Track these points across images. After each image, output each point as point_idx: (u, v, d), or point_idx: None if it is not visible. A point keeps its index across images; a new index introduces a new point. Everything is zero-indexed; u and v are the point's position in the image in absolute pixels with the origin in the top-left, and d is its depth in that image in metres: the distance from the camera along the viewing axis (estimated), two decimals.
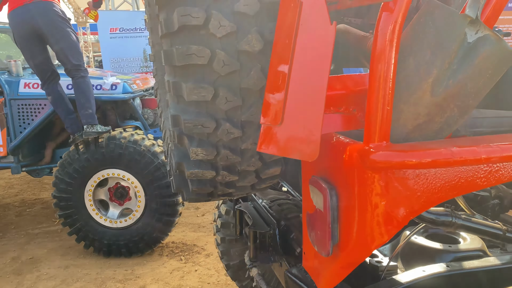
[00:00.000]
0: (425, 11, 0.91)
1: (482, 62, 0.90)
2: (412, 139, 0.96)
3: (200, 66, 1.05)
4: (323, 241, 1.07)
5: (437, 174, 0.93)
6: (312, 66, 0.93)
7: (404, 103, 0.94)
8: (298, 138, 0.96)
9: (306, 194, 1.21)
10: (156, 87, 1.84)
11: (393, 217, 0.96)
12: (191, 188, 1.30)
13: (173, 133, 1.20)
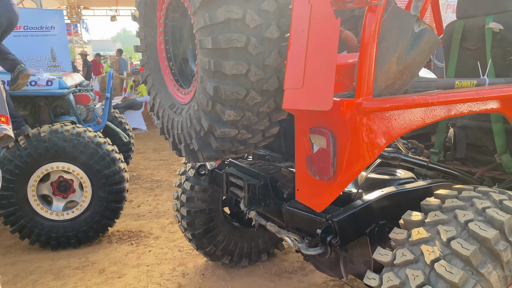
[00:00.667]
0: (392, 12, 1.44)
1: (423, 45, 1.47)
2: (384, 94, 1.49)
3: (239, 48, 1.45)
4: (326, 170, 1.54)
5: (401, 114, 1.48)
6: (324, 48, 1.39)
7: (380, 71, 1.46)
8: (316, 96, 1.42)
9: (301, 144, 1.68)
10: (148, 73, 2.13)
11: (376, 145, 1.48)
12: (215, 146, 1.67)
13: (207, 102, 1.56)
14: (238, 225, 3.08)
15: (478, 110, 1.72)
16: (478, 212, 1.41)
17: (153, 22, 2.02)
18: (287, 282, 2.94)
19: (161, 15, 1.96)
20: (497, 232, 1.32)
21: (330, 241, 1.62)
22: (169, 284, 2.97)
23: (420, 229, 1.44)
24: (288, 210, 1.83)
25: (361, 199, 1.75)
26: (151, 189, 5.12)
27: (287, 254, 3.34)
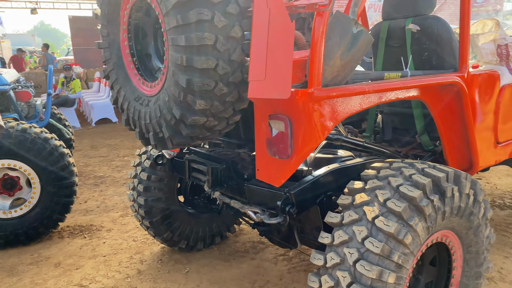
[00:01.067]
0: (335, 16, 1.74)
1: (360, 43, 1.79)
2: (330, 85, 1.79)
3: (209, 46, 1.67)
4: (284, 150, 1.81)
5: (344, 101, 1.79)
6: (282, 45, 1.66)
7: (327, 65, 1.76)
8: (277, 86, 1.67)
9: (261, 129, 1.93)
10: (110, 68, 2.25)
11: (325, 127, 1.78)
12: (185, 133, 1.87)
13: (179, 93, 1.76)
14: (193, 211, 3.28)
15: (403, 97, 2.10)
16: (406, 178, 1.76)
17: (116, 21, 2.15)
18: (241, 260, 3.20)
19: (125, 14, 2.10)
20: (421, 192, 1.68)
21: (288, 210, 1.90)
22: (129, 271, 3.09)
23: (362, 194, 1.76)
24: (250, 188, 2.08)
25: (311, 175, 2.05)
26: (96, 185, 5.10)
27: (239, 236, 3.59)
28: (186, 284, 2.89)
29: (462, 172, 1.87)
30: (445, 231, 1.88)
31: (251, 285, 2.86)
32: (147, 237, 3.62)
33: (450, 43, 2.42)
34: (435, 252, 2.02)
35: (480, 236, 2.00)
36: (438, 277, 2.05)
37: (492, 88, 2.59)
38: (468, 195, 1.86)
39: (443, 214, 1.74)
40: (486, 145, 2.64)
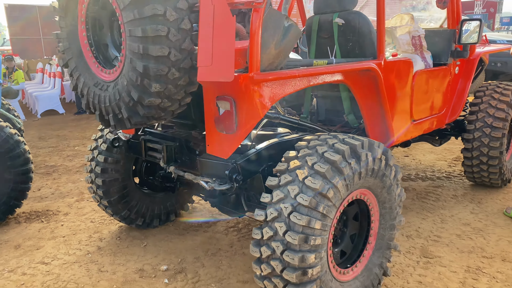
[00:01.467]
0: (269, 12, 2.08)
1: (291, 35, 2.14)
2: (267, 70, 2.13)
3: (163, 36, 1.94)
4: (230, 126, 2.14)
5: (279, 84, 2.14)
6: (225, 36, 1.97)
7: (263, 53, 2.09)
8: (222, 71, 1.98)
9: (210, 109, 2.24)
10: (69, 57, 2.45)
11: (264, 105, 2.12)
12: (142, 113, 2.14)
13: (136, 78, 2.02)
14: (148, 191, 3.53)
15: (329, 81, 2.48)
16: (329, 146, 2.15)
17: (74, 13, 2.36)
18: (195, 233, 3.50)
19: (83, 7, 2.32)
20: (340, 157, 2.06)
21: (235, 178, 2.23)
22: (89, 248, 3.30)
23: (295, 161, 2.13)
24: (201, 161, 2.39)
25: (255, 148, 2.39)
26: (48, 174, 5.17)
27: (192, 213, 3.89)
28: (145, 256, 3.16)
29: (375, 141, 2.29)
30: (362, 190, 2.29)
31: (204, 253, 3.18)
32: (105, 218, 3.82)
33: (369, 35, 2.84)
34: (357, 209, 2.43)
35: (392, 194, 2.43)
36: (360, 229, 2.47)
37: (406, 73, 3.05)
38: (380, 160, 2.28)
39: (359, 174, 2.15)
40: (402, 123, 3.11)
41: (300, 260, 1.94)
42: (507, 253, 3.03)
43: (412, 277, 2.77)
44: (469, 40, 3.52)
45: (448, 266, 2.89)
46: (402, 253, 3.07)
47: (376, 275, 2.44)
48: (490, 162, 3.93)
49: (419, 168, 4.98)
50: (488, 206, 3.85)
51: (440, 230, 3.41)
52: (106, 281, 2.85)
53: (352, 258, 2.43)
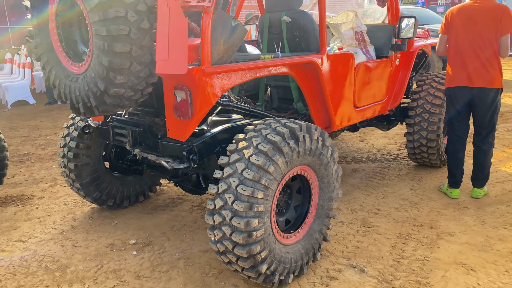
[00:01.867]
0: (218, 14, 2.41)
1: (237, 34, 2.48)
2: (217, 63, 2.47)
3: (125, 35, 2.25)
4: (186, 112, 2.47)
5: (228, 75, 2.49)
6: (179, 34, 2.29)
7: (213, 49, 2.42)
8: (177, 65, 2.31)
9: (169, 97, 2.57)
10: (41, 52, 2.72)
11: (215, 94, 2.46)
12: (108, 102, 2.45)
13: (102, 71, 2.32)
14: (118, 174, 3.83)
15: (275, 73, 2.84)
16: (272, 129, 2.51)
17: (45, 12, 2.63)
18: (162, 212, 3.84)
19: (53, 7, 2.59)
20: (280, 138, 2.43)
21: (192, 157, 2.57)
22: (63, 227, 3.59)
23: (243, 142, 2.48)
24: (163, 144, 2.72)
25: (210, 132, 2.74)
26: (21, 162, 5.38)
27: (160, 195, 4.22)
28: (115, 232, 3.48)
29: (313, 125, 2.66)
30: (302, 167, 2.67)
31: (170, 228, 3.52)
32: (78, 201, 4.10)
33: (313, 31, 3.21)
34: (300, 184, 2.82)
35: (330, 170, 2.83)
36: (302, 201, 2.86)
37: (347, 65, 3.44)
38: (317, 140, 2.66)
39: (298, 153, 2.52)
40: (346, 109, 3.51)
41: (246, 224, 2.31)
42: (435, 222, 3.50)
43: (351, 243, 3.20)
44: (407, 35, 3.94)
45: (383, 233, 3.33)
46: (345, 224, 3.49)
47: (316, 240, 2.84)
48: (429, 144, 4.40)
49: (371, 151, 5.44)
50: (427, 183, 4.33)
51: (381, 204, 3.85)
52: (80, 254, 3.15)
53: (296, 226, 2.81)
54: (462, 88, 3.72)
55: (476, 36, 3.59)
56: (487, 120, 3.74)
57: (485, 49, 3.58)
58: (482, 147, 3.85)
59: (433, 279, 2.73)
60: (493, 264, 2.88)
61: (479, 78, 3.63)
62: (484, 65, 3.60)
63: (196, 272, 2.88)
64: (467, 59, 3.65)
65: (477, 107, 3.73)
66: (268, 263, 2.47)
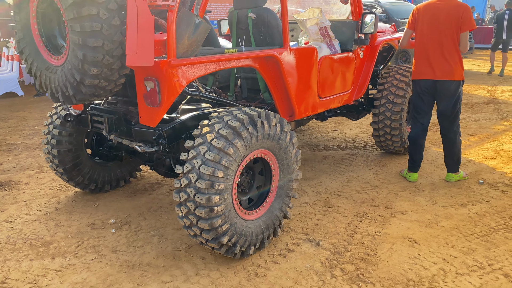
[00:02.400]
0: (182, 12, 2.67)
1: (200, 30, 2.75)
2: (183, 57, 2.74)
3: (97, 31, 2.51)
4: (155, 101, 2.74)
5: (192, 67, 2.76)
6: (146, 30, 2.55)
7: (179, 43, 2.69)
8: (144, 57, 2.58)
9: (140, 87, 2.84)
10: (24, 46, 2.97)
11: (181, 84, 2.74)
12: (84, 91, 2.71)
13: (78, 63, 2.59)
14: (100, 161, 4.10)
15: (239, 65, 3.12)
16: (233, 116, 2.79)
17: (27, 9, 2.88)
18: (141, 195, 4.12)
19: (34, 5, 2.84)
20: (239, 123, 2.71)
21: (161, 142, 2.85)
22: (48, 209, 3.86)
23: (206, 127, 2.76)
24: (136, 130, 2.99)
25: (179, 119, 3.01)
26: (9, 151, 5.62)
27: (140, 180, 4.49)
28: (96, 213, 3.75)
29: (271, 112, 2.94)
30: (262, 150, 2.95)
31: (147, 209, 3.80)
32: (62, 186, 4.37)
33: (277, 27, 3.49)
34: (262, 166, 3.11)
35: (289, 154, 3.12)
36: (265, 182, 3.15)
37: (310, 59, 3.72)
38: (276, 126, 2.95)
39: (256, 137, 2.81)
40: (307, 100, 3.80)
41: (207, 200, 2.60)
42: (390, 202, 3.82)
43: (311, 221, 3.51)
44: (369, 30, 4.23)
45: (342, 213, 3.64)
46: (309, 205, 3.80)
47: (277, 217, 3.14)
48: (392, 132, 4.71)
49: (343, 140, 5.75)
50: (389, 169, 4.65)
51: (344, 187, 4.16)
52: (62, 232, 3.43)
53: (258, 204, 3.11)
54: (426, 81, 4.03)
55: (439, 32, 3.88)
56: (449, 110, 4.02)
57: (447, 44, 3.87)
58: (448, 135, 4.15)
59: (380, 251, 3.04)
60: (436, 238, 3.21)
61: (441, 71, 3.92)
62: (446, 59, 3.90)
63: (168, 247, 3.17)
64: (430, 53, 3.95)
65: (440, 98, 4.03)
66: (229, 236, 2.76)
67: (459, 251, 3.02)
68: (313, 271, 2.81)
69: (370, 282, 2.69)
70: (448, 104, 4.01)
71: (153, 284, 2.72)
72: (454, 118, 4.07)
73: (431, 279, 2.70)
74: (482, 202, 3.79)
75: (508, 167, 4.61)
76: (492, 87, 9.62)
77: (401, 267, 2.84)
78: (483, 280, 2.69)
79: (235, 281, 2.74)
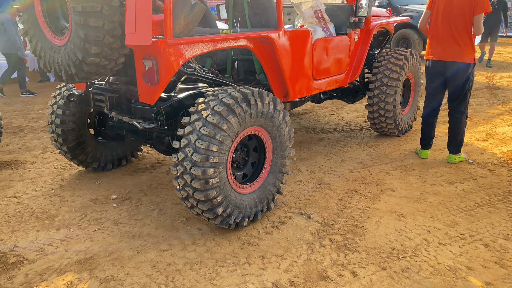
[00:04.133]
0: None
1: (196, 11, 2.88)
2: (179, 36, 2.87)
3: (98, 12, 2.64)
4: (153, 79, 2.88)
5: (189, 46, 2.90)
6: (144, 11, 2.68)
7: (175, 23, 2.82)
8: (142, 37, 2.71)
9: (139, 66, 2.97)
10: (28, 26, 3.11)
11: (177, 63, 2.88)
12: (86, 70, 2.85)
13: (80, 42, 2.73)
14: (102, 140, 4.26)
15: (233, 46, 3.25)
16: (227, 94, 2.93)
17: None
18: (142, 174, 4.28)
19: None
20: (233, 101, 2.85)
21: (159, 118, 3.00)
22: (53, 186, 4.03)
23: (202, 105, 2.90)
24: (135, 107, 3.14)
25: (176, 97, 3.16)
26: (15, 133, 5.79)
27: (141, 160, 4.66)
28: (99, 190, 3.92)
29: (264, 91, 3.08)
30: (256, 127, 3.10)
31: (148, 186, 3.97)
32: (66, 165, 4.54)
33: (272, 9, 3.60)
34: (256, 143, 3.25)
35: (282, 131, 3.26)
36: (259, 158, 3.30)
37: (304, 41, 3.84)
38: (269, 104, 3.08)
39: (250, 115, 2.95)
40: (301, 81, 3.92)
41: (203, 172, 2.75)
42: (381, 180, 3.96)
43: (304, 197, 3.66)
44: (364, 13, 4.33)
45: (334, 189, 3.80)
46: (303, 182, 3.95)
47: (270, 192, 3.29)
48: (386, 114, 4.84)
49: (339, 123, 5.88)
50: (383, 150, 4.78)
51: (337, 167, 4.31)
52: (67, 207, 3.60)
53: (252, 179, 3.26)
54: (436, 61, 4.16)
55: (452, 14, 3.98)
56: (458, 91, 4.15)
57: (460, 27, 3.97)
58: (454, 114, 4.27)
59: (367, 223, 3.20)
60: (422, 212, 3.35)
61: (451, 53, 4.04)
62: (456, 41, 4.01)
63: (167, 219, 3.34)
64: (441, 34, 4.07)
65: (450, 79, 4.15)
66: (224, 207, 2.92)
67: (443, 224, 3.16)
68: (303, 241, 2.97)
69: (356, 251, 2.85)
70: (457, 85, 4.11)
71: (152, 252, 2.89)
72: (462, 99, 4.17)
73: (414, 248, 2.86)
74: (470, 180, 3.93)
75: (498, 148, 4.73)
76: (491, 73, 9.68)
77: (387, 238, 2.99)
78: (463, 249, 2.84)
79: (229, 249, 2.90)
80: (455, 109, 4.24)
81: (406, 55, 4.85)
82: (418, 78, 5.28)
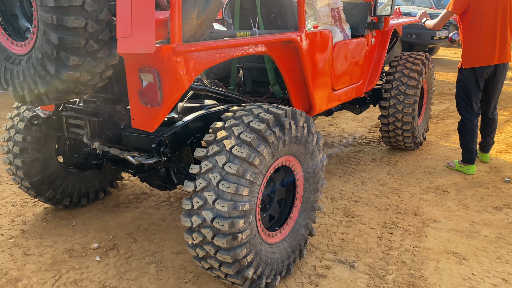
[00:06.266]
0: None
1: (212, 5, 2.14)
2: (190, 41, 2.13)
3: (77, 6, 1.86)
4: (155, 98, 2.12)
5: (203, 54, 2.15)
6: (145, 5, 1.93)
7: (185, 24, 2.08)
8: (142, 42, 1.95)
9: (132, 82, 2.20)
10: None
11: (188, 77, 2.13)
12: (60, 88, 2.05)
13: (51, 50, 1.93)
14: (74, 170, 3.40)
15: (253, 52, 2.53)
16: (255, 116, 2.21)
17: None
18: (125, 210, 3.46)
19: None
20: (265, 125, 2.14)
21: (162, 151, 2.23)
22: (11, 232, 3.14)
23: (222, 131, 2.17)
24: (127, 136, 2.35)
25: (181, 121, 2.40)
26: None
27: (122, 190, 3.83)
28: (74, 236, 3.08)
29: (297, 110, 2.39)
30: (287, 157, 2.40)
31: (136, 228, 3.16)
32: (27, 200, 3.64)
33: (290, 7, 2.92)
34: (283, 175, 2.55)
35: (315, 159, 2.58)
36: (287, 194, 2.60)
37: (326, 44, 3.18)
38: (303, 127, 2.40)
39: (283, 142, 2.25)
40: (324, 92, 3.27)
41: (230, 226, 2.02)
42: (418, 208, 3.37)
43: (335, 236, 2.99)
44: (383, 12, 3.74)
45: (367, 223, 3.15)
46: (327, 215, 3.28)
47: (302, 236, 2.60)
48: (404, 127, 4.27)
49: (342, 136, 5.28)
50: (403, 168, 4.21)
51: (360, 192, 3.68)
52: (33, 264, 2.75)
53: (280, 221, 2.56)
54: (488, 67, 3.83)
55: (499, 15, 3.73)
56: (499, 91, 3.99)
57: (506, 27, 3.78)
58: (493, 117, 4.10)
59: (426, 271, 2.58)
60: (483, 251, 2.78)
61: (503, 55, 3.83)
62: (505, 42, 3.82)
63: (170, 278, 2.57)
64: (493, 38, 3.77)
65: (495, 81, 3.91)
66: (255, 267, 2.20)
67: None
68: None
69: None
70: (500, 86, 3.96)
71: None
72: (498, 97, 4.06)
73: None
74: None
75: None
76: None
77: None
78: None
79: None
80: (494, 112, 4.10)
81: (423, 59, 4.31)
82: (431, 85, 4.76)
